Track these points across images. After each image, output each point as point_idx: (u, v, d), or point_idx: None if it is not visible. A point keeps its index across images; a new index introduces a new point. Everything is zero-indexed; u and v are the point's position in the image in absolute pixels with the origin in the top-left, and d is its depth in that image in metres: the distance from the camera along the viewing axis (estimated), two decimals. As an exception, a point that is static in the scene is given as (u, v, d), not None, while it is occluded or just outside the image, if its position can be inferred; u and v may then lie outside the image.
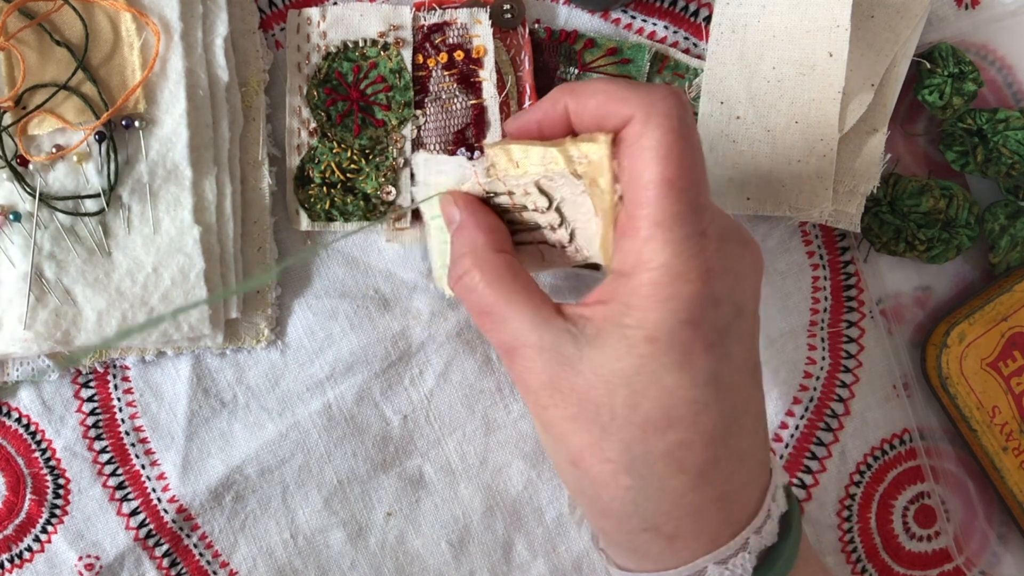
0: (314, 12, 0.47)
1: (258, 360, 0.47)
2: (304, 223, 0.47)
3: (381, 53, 0.47)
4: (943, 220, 0.47)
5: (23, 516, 0.46)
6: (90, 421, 0.46)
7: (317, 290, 0.47)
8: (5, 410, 0.46)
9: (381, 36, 0.46)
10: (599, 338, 0.31)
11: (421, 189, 0.37)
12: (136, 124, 0.43)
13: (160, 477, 0.47)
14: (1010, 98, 0.50)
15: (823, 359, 0.49)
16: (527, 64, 0.47)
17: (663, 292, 0.30)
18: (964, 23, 0.49)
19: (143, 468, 0.47)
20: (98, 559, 0.46)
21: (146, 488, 0.47)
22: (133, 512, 0.46)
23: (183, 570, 0.47)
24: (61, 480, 0.46)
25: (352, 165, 0.47)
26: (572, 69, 0.47)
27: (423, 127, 0.47)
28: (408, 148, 0.47)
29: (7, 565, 0.46)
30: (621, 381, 0.31)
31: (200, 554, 0.47)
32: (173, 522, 0.46)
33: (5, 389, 0.46)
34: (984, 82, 0.47)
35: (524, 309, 0.33)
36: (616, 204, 0.32)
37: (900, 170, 0.49)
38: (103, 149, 0.43)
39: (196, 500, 0.46)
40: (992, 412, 0.48)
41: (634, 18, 0.48)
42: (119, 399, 0.46)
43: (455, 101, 0.47)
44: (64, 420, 0.46)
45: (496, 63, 0.47)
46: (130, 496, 0.46)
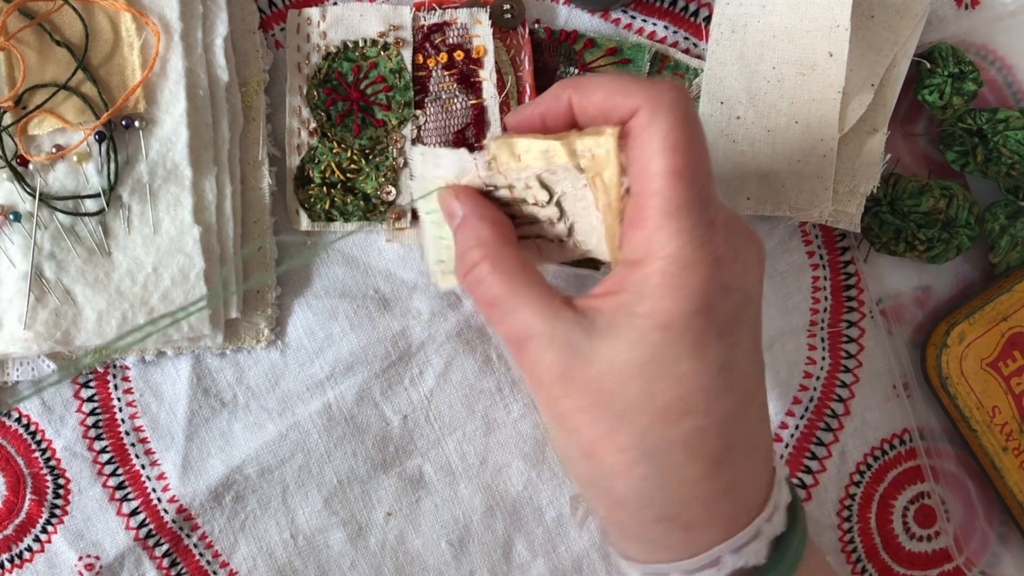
0: (314, 12, 0.47)
1: (258, 360, 0.47)
2: (304, 223, 0.47)
3: (381, 53, 0.47)
4: (943, 220, 0.47)
5: (23, 516, 0.46)
6: (90, 421, 0.46)
7: (317, 290, 0.47)
8: (5, 410, 0.46)
9: (381, 36, 0.46)
10: (611, 328, 0.31)
11: (418, 183, 0.37)
12: (136, 124, 0.43)
13: (160, 477, 0.47)
14: (1010, 98, 0.50)
15: (823, 359, 0.49)
16: (527, 64, 0.47)
17: (674, 280, 0.30)
18: (964, 23, 0.49)
19: (143, 468, 0.47)
20: (98, 559, 0.46)
21: (146, 488, 0.47)
22: (133, 512, 0.46)
23: (183, 570, 0.47)
24: (61, 480, 0.46)
25: (352, 165, 0.47)
26: (572, 69, 0.47)
27: (423, 127, 0.47)
28: (408, 148, 0.47)
29: (7, 565, 0.46)
30: (636, 370, 0.31)
31: (200, 554, 0.47)
32: (173, 522, 0.46)
33: (5, 390, 0.46)
34: (984, 82, 0.47)
35: (534, 300, 0.33)
36: (623, 196, 0.32)
37: (900, 170, 0.49)
38: (103, 149, 0.43)
39: (196, 500, 0.46)
40: (992, 412, 0.48)
41: (634, 18, 0.48)
42: (119, 399, 0.46)
43: (455, 101, 0.47)
44: (64, 420, 0.46)
45: (496, 63, 0.47)
46: (130, 496, 0.46)
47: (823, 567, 0.39)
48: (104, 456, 0.46)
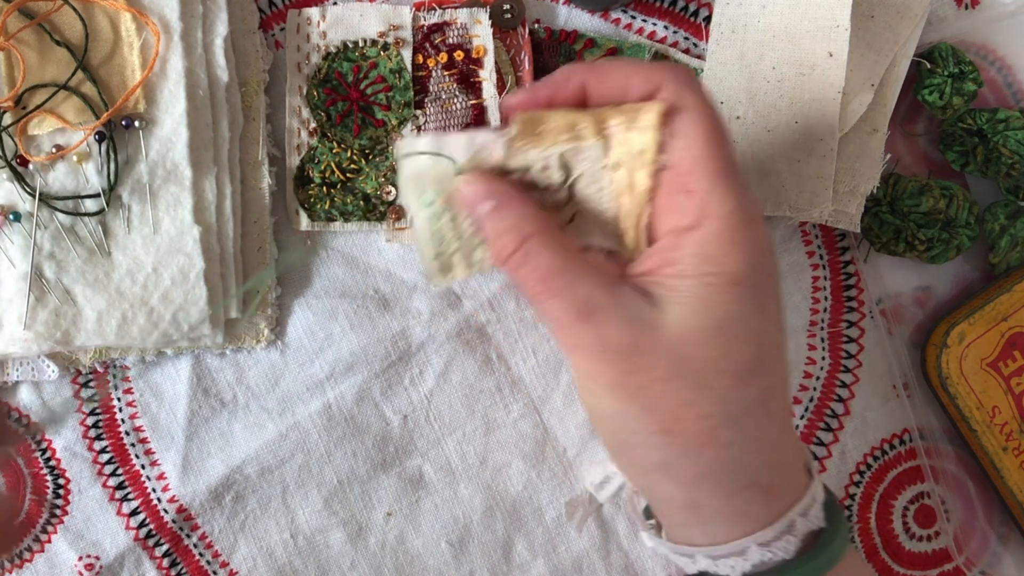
0: (314, 12, 0.47)
1: (258, 360, 0.47)
2: (304, 223, 0.47)
3: (381, 53, 0.47)
4: (943, 220, 0.47)
5: (23, 516, 0.46)
6: (90, 421, 0.46)
7: (317, 290, 0.47)
8: (6, 410, 0.46)
9: (381, 36, 0.46)
10: (676, 295, 0.31)
11: (413, 174, 0.34)
12: (136, 124, 0.43)
13: (160, 477, 0.47)
14: (1010, 98, 0.50)
15: (823, 359, 0.49)
16: (527, 64, 0.47)
17: (738, 235, 0.31)
18: (964, 23, 0.49)
19: (143, 468, 0.47)
20: (98, 559, 0.46)
21: (146, 488, 0.46)
22: (133, 512, 0.46)
23: (183, 570, 0.47)
24: (61, 480, 0.46)
25: (352, 165, 0.47)
26: (572, 69, 0.47)
27: (423, 127, 0.47)
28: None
29: (7, 565, 0.46)
30: (714, 331, 0.31)
31: (200, 554, 0.47)
32: (173, 522, 0.46)
33: (5, 390, 0.46)
34: (984, 82, 0.47)
35: (593, 272, 0.32)
36: (655, 174, 0.32)
37: (900, 170, 0.49)
38: (103, 149, 0.43)
39: (196, 500, 0.46)
40: (992, 412, 0.48)
41: (634, 18, 0.48)
42: (119, 399, 0.46)
43: (455, 101, 0.47)
44: (64, 420, 0.46)
45: (496, 63, 0.47)
46: (130, 496, 0.46)
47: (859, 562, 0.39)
48: (104, 456, 0.46)
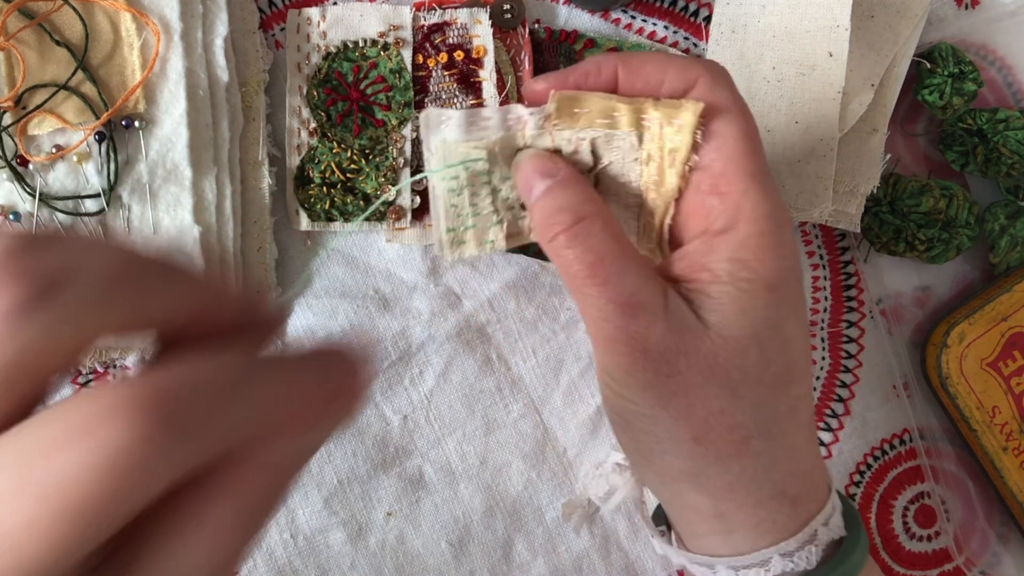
0: (314, 12, 0.47)
1: (258, 360, 0.47)
2: (304, 223, 0.47)
3: (381, 53, 0.47)
4: (943, 220, 0.47)
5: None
6: (90, 421, 0.46)
7: (317, 290, 0.47)
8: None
9: (381, 36, 0.46)
10: (715, 300, 0.30)
11: (442, 148, 0.33)
12: (136, 124, 0.43)
13: (160, 477, 0.46)
14: (1010, 98, 0.50)
15: (823, 359, 0.49)
16: (527, 64, 0.47)
17: (773, 240, 0.30)
18: (964, 23, 0.49)
19: (143, 468, 0.46)
20: (98, 559, 0.46)
21: (146, 488, 0.46)
22: (133, 512, 0.46)
23: (183, 570, 0.47)
24: (61, 480, 0.46)
25: (352, 165, 0.47)
26: (572, 69, 0.47)
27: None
28: (408, 148, 0.47)
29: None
30: (752, 338, 0.30)
31: (200, 554, 0.47)
32: (173, 522, 0.46)
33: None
34: (984, 82, 0.47)
35: (644, 267, 0.31)
36: (687, 174, 0.31)
37: (900, 170, 0.49)
38: (103, 149, 0.43)
39: (196, 500, 0.46)
40: (992, 412, 0.48)
41: (634, 18, 0.48)
42: (119, 399, 0.46)
43: (455, 101, 0.47)
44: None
45: (496, 63, 0.47)
46: (130, 496, 0.46)
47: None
48: (104, 456, 0.46)
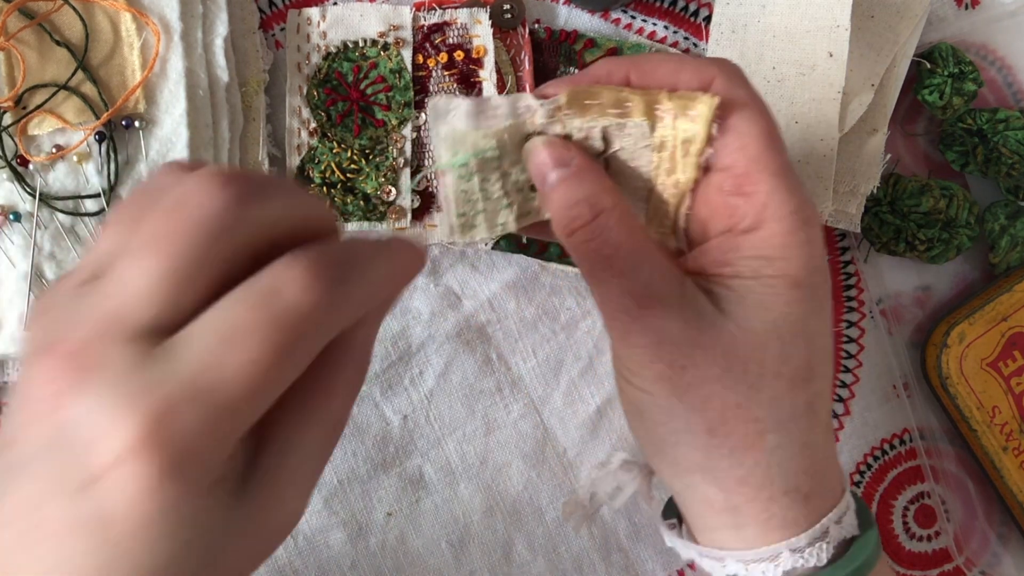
0: (314, 12, 0.47)
1: (258, 360, 0.47)
2: (304, 223, 0.47)
3: (381, 53, 0.47)
4: (943, 220, 0.47)
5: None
6: (90, 421, 0.46)
7: (317, 290, 0.47)
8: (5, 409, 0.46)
9: (381, 36, 0.46)
10: (737, 294, 0.31)
11: (451, 135, 0.33)
12: (136, 124, 0.43)
13: (160, 477, 0.46)
14: (1010, 98, 0.50)
15: (823, 359, 0.49)
16: (527, 64, 0.47)
17: (799, 237, 0.30)
18: (964, 23, 0.49)
19: (143, 468, 0.46)
20: (98, 559, 0.46)
21: (146, 488, 0.46)
22: (133, 512, 0.46)
23: (183, 570, 0.47)
24: (61, 480, 0.46)
25: (352, 165, 0.47)
26: (572, 69, 0.47)
27: (423, 127, 0.47)
28: (408, 148, 0.47)
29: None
30: (773, 333, 0.30)
31: (200, 554, 0.47)
32: (173, 522, 0.46)
33: (5, 390, 0.46)
34: (984, 82, 0.47)
35: (662, 260, 0.31)
36: (700, 167, 0.31)
37: (900, 170, 0.49)
38: (103, 149, 0.43)
39: (196, 500, 0.46)
40: (992, 412, 0.48)
41: (634, 18, 0.48)
42: (119, 399, 0.46)
43: (455, 101, 0.47)
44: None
45: (496, 63, 0.47)
46: (130, 496, 0.46)
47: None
48: (104, 456, 0.46)
